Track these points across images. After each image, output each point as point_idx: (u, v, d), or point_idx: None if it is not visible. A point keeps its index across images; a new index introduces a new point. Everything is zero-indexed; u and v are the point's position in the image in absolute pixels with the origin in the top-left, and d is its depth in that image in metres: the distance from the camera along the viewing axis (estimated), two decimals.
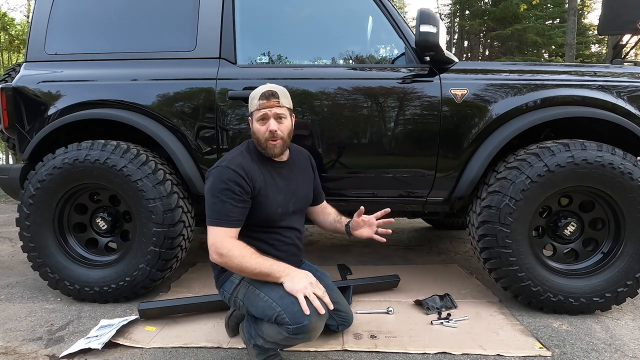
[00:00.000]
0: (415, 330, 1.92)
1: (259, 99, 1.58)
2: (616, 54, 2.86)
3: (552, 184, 1.98)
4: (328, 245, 3.60)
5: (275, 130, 1.56)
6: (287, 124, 1.62)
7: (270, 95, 1.57)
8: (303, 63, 2.36)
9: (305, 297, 1.36)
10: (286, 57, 2.41)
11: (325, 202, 1.98)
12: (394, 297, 2.30)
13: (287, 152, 1.72)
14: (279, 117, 1.59)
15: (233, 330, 1.86)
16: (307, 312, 1.33)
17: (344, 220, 1.87)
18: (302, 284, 1.39)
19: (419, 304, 2.15)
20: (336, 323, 1.80)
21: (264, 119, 1.58)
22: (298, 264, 1.76)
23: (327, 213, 1.93)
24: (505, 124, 2.10)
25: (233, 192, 1.50)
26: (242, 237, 1.54)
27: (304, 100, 2.18)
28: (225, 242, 1.46)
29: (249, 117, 1.66)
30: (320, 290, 1.40)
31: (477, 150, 2.13)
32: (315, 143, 2.18)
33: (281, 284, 1.43)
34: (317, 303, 1.35)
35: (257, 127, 1.59)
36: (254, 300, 1.48)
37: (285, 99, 1.63)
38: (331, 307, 1.40)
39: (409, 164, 2.20)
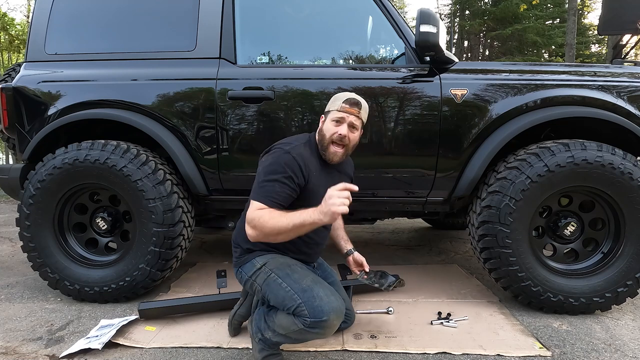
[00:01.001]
0: (415, 330, 1.92)
1: (343, 102, 1.60)
2: (616, 54, 2.85)
3: (552, 184, 1.98)
4: (328, 245, 3.58)
5: (345, 136, 1.58)
6: (356, 135, 1.64)
7: (354, 104, 1.60)
8: (303, 63, 2.36)
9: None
10: (286, 57, 2.41)
11: None
12: (394, 297, 2.30)
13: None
14: (352, 126, 1.61)
15: (236, 329, 1.86)
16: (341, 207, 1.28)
17: (348, 246, 1.94)
18: (333, 203, 1.29)
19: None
20: None
21: (340, 122, 1.59)
22: (317, 258, 1.83)
23: (337, 225, 1.96)
24: (505, 124, 2.10)
25: (285, 177, 1.50)
26: None
27: (304, 100, 2.18)
28: (254, 213, 1.45)
29: (322, 115, 1.69)
30: (345, 194, 1.32)
31: (477, 150, 2.13)
32: None
33: (305, 275, 1.49)
34: (346, 201, 1.29)
35: (329, 126, 1.61)
36: (274, 288, 1.49)
37: (365, 113, 1.66)
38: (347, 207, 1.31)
39: (409, 164, 2.20)
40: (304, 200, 1.57)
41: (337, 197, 1.29)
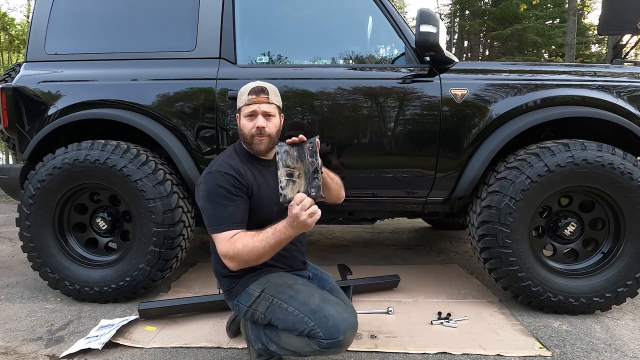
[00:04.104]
0: (415, 330, 1.92)
1: (248, 94, 1.53)
2: (616, 54, 2.85)
3: (552, 184, 1.98)
4: (328, 245, 3.60)
5: (263, 127, 1.52)
6: (275, 122, 1.57)
7: (260, 91, 1.53)
8: (303, 63, 2.36)
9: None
10: (286, 57, 2.41)
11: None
12: (394, 297, 2.30)
13: (274, 150, 1.63)
14: (267, 115, 1.54)
15: (234, 333, 1.85)
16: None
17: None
18: (300, 217, 1.25)
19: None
20: None
21: (253, 115, 1.53)
22: (302, 262, 1.73)
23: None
24: (505, 124, 2.10)
25: (231, 194, 1.45)
26: None
27: (304, 100, 2.18)
28: (225, 246, 1.39)
29: (237, 114, 1.61)
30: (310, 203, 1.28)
31: (477, 150, 2.13)
32: None
33: (310, 294, 1.43)
34: (313, 212, 1.26)
35: (244, 122, 1.55)
36: (280, 314, 1.43)
37: (275, 97, 1.58)
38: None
39: (409, 164, 2.20)
40: (253, 206, 1.51)
41: (303, 211, 1.24)
